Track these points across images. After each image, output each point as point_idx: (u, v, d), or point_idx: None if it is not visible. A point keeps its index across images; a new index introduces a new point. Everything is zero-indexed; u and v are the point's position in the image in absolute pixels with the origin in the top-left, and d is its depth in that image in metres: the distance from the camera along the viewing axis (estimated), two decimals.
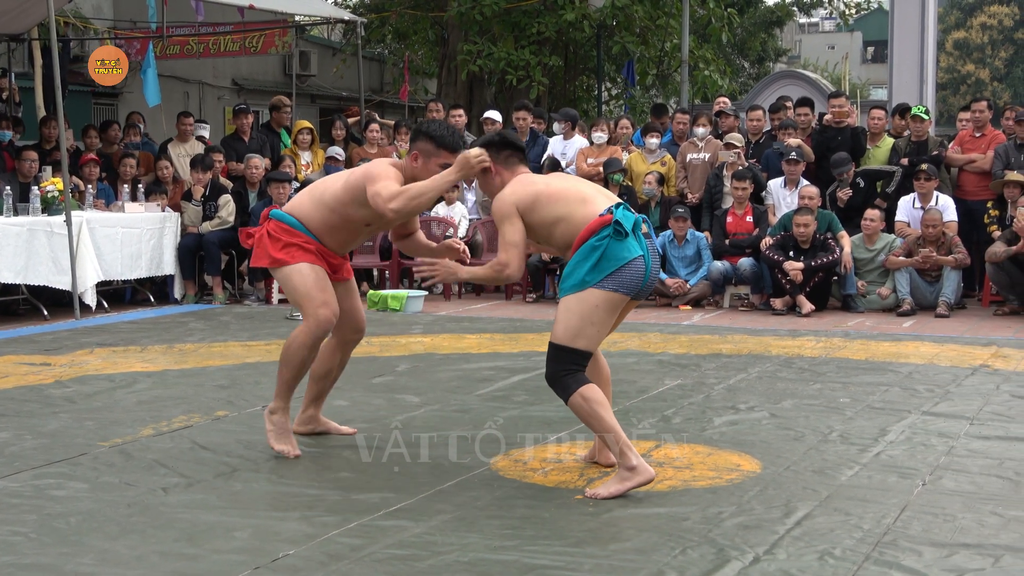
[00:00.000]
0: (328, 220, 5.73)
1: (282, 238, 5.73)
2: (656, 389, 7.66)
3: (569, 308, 5.10)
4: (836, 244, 11.84)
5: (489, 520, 4.76)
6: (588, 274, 5.07)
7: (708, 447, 6.03)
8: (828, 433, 6.36)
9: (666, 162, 13.51)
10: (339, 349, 6.10)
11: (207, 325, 10.94)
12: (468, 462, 5.71)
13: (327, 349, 6.10)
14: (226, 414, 6.85)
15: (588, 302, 5.07)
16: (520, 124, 14.05)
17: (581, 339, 5.09)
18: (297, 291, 5.70)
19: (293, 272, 5.71)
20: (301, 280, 5.69)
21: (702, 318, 11.61)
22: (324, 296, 5.69)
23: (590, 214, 5.13)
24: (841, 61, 46.85)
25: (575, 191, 5.27)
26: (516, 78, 19.60)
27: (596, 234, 5.08)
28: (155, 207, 12.80)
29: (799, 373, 8.31)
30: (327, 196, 5.75)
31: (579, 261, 5.09)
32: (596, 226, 5.09)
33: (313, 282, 5.69)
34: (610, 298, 5.08)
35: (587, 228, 5.09)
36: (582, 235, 5.10)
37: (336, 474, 5.51)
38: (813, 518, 4.78)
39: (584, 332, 5.08)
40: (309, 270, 5.70)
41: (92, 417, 6.79)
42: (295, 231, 5.73)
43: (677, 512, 4.86)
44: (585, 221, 5.12)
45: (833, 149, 12.90)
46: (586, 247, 5.08)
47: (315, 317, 5.66)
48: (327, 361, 6.10)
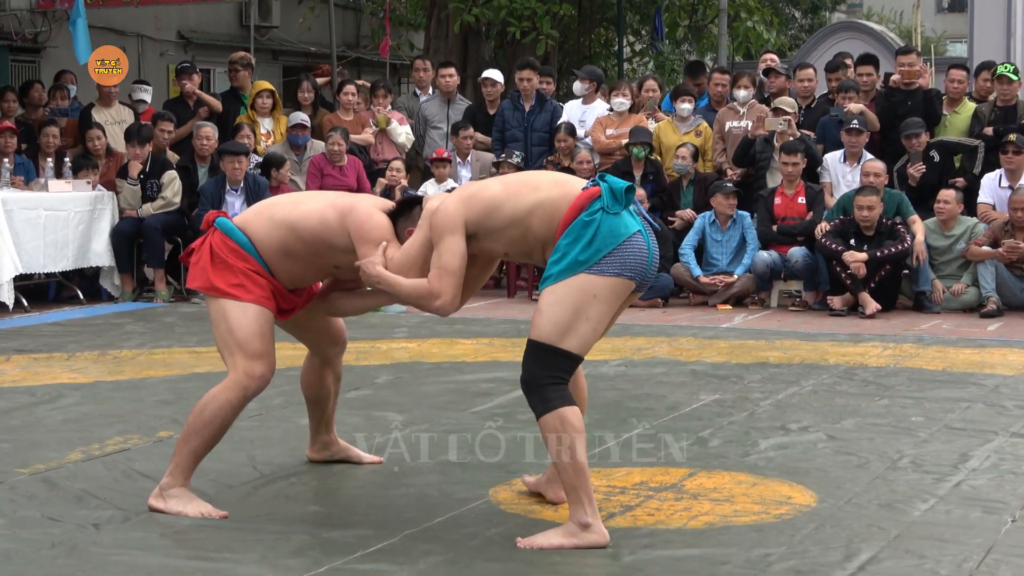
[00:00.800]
0: (288, 246, 5.49)
1: (228, 260, 5.49)
2: (690, 405, 7.65)
3: (557, 298, 4.92)
4: (906, 231, 11.83)
5: (488, 563, 4.75)
6: (581, 254, 4.90)
7: (752, 476, 6.02)
8: (897, 459, 6.35)
9: (701, 131, 13.51)
10: (326, 365, 6.04)
11: (147, 328, 10.94)
12: (462, 493, 5.70)
13: (311, 370, 6.05)
14: (170, 435, 6.83)
15: (583, 290, 4.90)
16: (524, 86, 14.04)
17: (571, 338, 4.93)
18: (232, 334, 5.43)
19: (232, 309, 5.44)
20: (240, 322, 5.43)
21: (745, 320, 11.60)
22: (264, 347, 5.46)
23: (571, 192, 5.03)
24: (912, 10, 46.87)
25: (543, 177, 5.25)
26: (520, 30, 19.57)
27: (586, 209, 4.95)
28: (85, 185, 12.80)
29: (862, 386, 8.30)
30: (294, 219, 5.50)
31: (568, 243, 4.92)
32: (584, 200, 4.96)
33: (256, 329, 5.44)
34: (611, 285, 4.93)
35: (573, 205, 4.96)
36: (567, 214, 4.96)
37: (303, 508, 5.50)
38: (879, 562, 4.77)
39: (575, 329, 4.92)
40: (255, 313, 5.45)
41: (8, 439, 6.77)
42: (244, 253, 5.49)
43: (715, 554, 4.84)
44: (568, 199, 5.00)
45: (902, 116, 12.88)
46: (576, 224, 4.93)
47: (247, 372, 5.42)
48: (315, 383, 6.05)
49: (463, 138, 13.84)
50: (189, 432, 5.45)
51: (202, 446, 5.46)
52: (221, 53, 24.53)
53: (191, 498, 5.42)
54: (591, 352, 5.23)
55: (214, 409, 5.42)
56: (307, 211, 5.51)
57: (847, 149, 12.65)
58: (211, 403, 5.43)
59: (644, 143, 13.03)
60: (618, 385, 8.31)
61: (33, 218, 12.11)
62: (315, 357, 6.04)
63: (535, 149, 13.74)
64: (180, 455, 5.45)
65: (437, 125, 14.51)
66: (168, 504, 5.39)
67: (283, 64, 26.23)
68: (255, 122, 14.09)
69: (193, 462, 5.47)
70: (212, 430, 5.44)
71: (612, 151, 13.44)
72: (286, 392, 7.92)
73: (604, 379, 8.46)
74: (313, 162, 13.44)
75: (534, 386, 4.98)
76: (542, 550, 4.89)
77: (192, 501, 5.40)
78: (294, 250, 5.49)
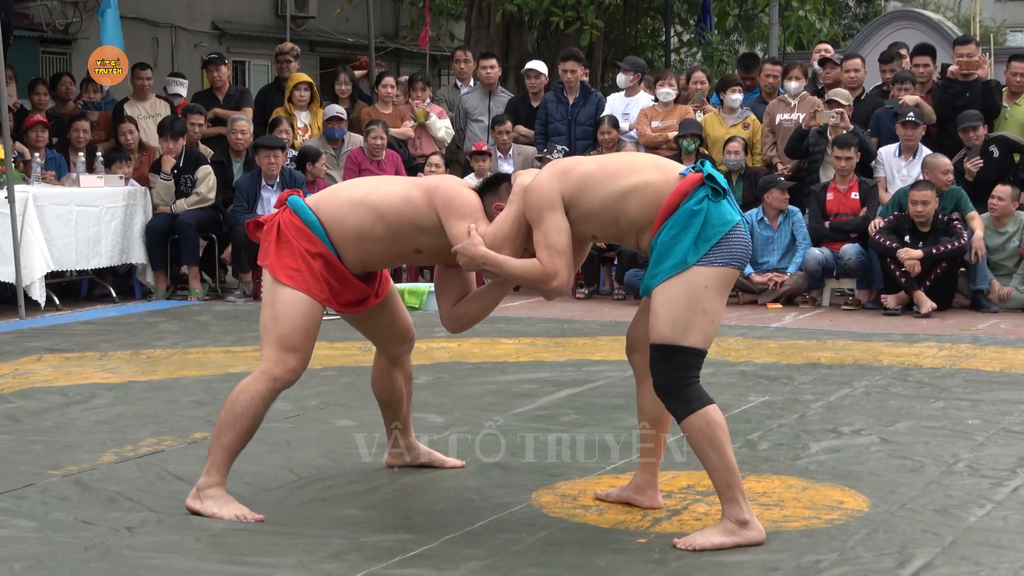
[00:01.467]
0: (367, 228, 5.46)
1: (293, 241, 5.48)
2: (738, 407, 7.65)
3: (669, 297, 4.97)
4: (964, 227, 11.78)
5: (530, 569, 4.76)
6: (691, 247, 4.95)
7: (803, 480, 6.02)
8: (953, 463, 6.34)
9: (750, 124, 13.48)
10: (394, 365, 6.04)
11: (181, 326, 11.00)
12: (503, 497, 5.72)
13: (380, 370, 6.06)
14: (205, 436, 6.87)
15: (696, 284, 4.95)
16: (568, 78, 14.02)
17: (694, 333, 4.97)
18: (276, 321, 5.43)
19: (284, 296, 5.45)
20: (288, 312, 5.43)
21: (795, 319, 11.58)
22: (303, 342, 5.45)
23: (672, 177, 5.05)
24: None
25: (641, 159, 5.25)
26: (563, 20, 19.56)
27: (690, 197, 4.98)
28: (117, 180, 12.87)
29: (917, 388, 8.28)
30: (377, 199, 5.47)
31: (675, 235, 4.96)
32: (688, 187, 4.99)
33: (301, 323, 5.43)
34: (721, 275, 4.99)
35: (676, 191, 4.98)
36: (670, 201, 4.98)
37: (341, 511, 5.52)
38: (934, 568, 4.76)
39: (696, 324, 4.96)
40: (305, 306, 5.45)
41: (40, 440, 6.84)
42: (311, 235, 5.48)
43: (764, 560, 4.85)
44: (669, 185, 5.02)
45: (959, 109, 12.83)
46: (681, 214, 4.96)
47: (281, 363, 5.43)
48: (386, 384, 6.06)
49: (500, 132, 13.80)
50: (222, 426, 5.47)
51: (236, 441, 5.46)
52: (256, 45, 24.66)
53: (227, 500, 5.44)
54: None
55: (245, 401, 5.43)
56: (389, 191, 5.51)
57: (902, 143, 12.61)
58: (242, 395, 5.44)
59: (694, 135, 13.01)
60: None
61: (64, 214, 12.18)
62: (383, 357, 6.03)
63: (579, 143, 13.72)
64: (214, 452, 5.47)
65: (478, 118, 14.50)
66: (204, 505, 5.42)
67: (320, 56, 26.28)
68: (292, 115, 14.12)
69: (228, 459, 5.48)
70: (245, 423, 5.44)
71: (658, 144, 13.42)
72: (322, 393, 7.98)
73: None
74: (350, 156, 13.48)
75: (671, 389, 5.02)
76: (701, 550, 4.94)
77: (229, 503, 5.43)
78: (375, 232, 5.47)
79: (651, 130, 13.49)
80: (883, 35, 22.65)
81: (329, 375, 8.64)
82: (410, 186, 5.53)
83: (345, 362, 9.12)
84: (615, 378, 8.45)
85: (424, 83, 14.74)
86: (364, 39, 19.47)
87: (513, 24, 20.24)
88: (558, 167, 5.20)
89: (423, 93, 14.54)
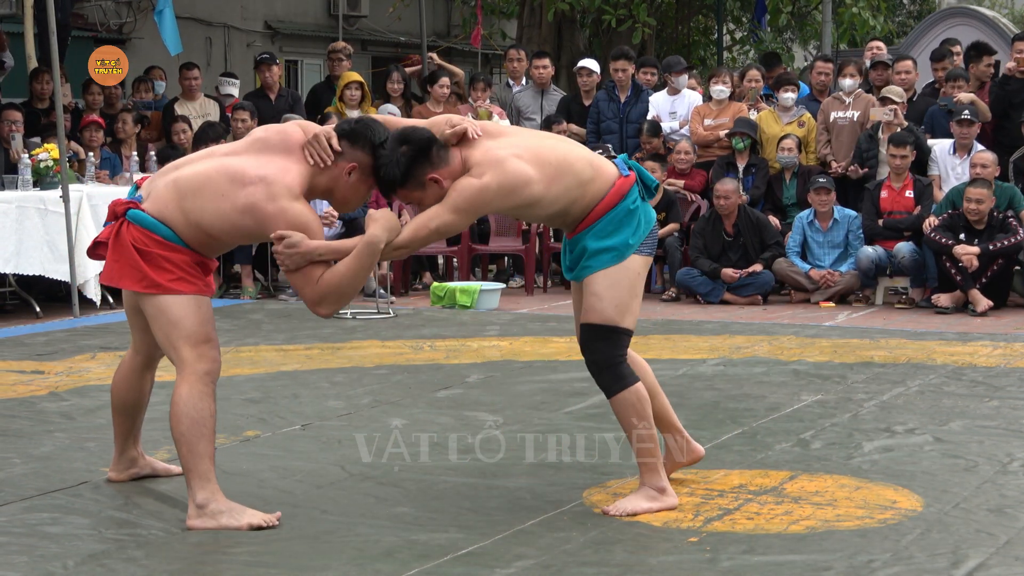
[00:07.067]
0: (210, 240, 5.43)
1: (160, 257, 5.37)
2: (791, 406, 7.64)
3: (615, 281, 5.35)
4: (1020, 224, 11.71)
5: (582, 568, 4.77)
6: (631, 238, 5.37)
7: (856, 479, 6.00)
8: (1008, 462, 6.30)
9: (805, 122, 13.44)
10: (147, 367, 5.88)
11: (234, 325, 11.05)
12: (555, 495, 5.73)
13: (130, 371, 5.85)
14: (257, 434, 6.92)
15: (632, 271, 5.40)
16: (619, 76, 14.03)
17: (630, 316, 5.41)
18: (177, 327, 5.39)
19: (175, 304, 5.40)
20: (183, 310, 5.40)
21: (848, 317, 11.54)
22: (211, 332, 5.48)
23: (607, 176, 5.40)
24: None
25: (573, 153, 5.41)
26: (615, 18, 19.56)
27: (627, 196, 5.39)
28: None
29: (971, 387, 8.24)
30: (207, 224, 5.36)
31: (613, 229, 5.36)
32: (625, 188, 5.39)
33: (200, 317, 5.45)
34: (646, 262, 5.46)
35: (615, 191, 5.37)
36: (610, 199, 5.35)
37: (392, 509, 5.54)
38: (988, 568, 4.75)
39: (631, 307, 5.41)
40: (197, 301, 5.45)
41: (95, 437, 6.88)
42: (170, 244, 5.38)
43: (817, 560, 4.84)
44: (606, 183, 5.37)
45: (1017, 106, 12.76)
46: (620, 212, 5.36)
47: (203, 357, 5.39)
48: (134, 387, 5.86)
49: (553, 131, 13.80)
50: (189, 440, 5.29)
51: (209, 445, 5.33)
52: (308, 44, 24.74)
53: (237, 509, 5.31)
54: (688, 351, 5.30)
55: (192, 408, 5.30)
56: (217, 213, 5.34)
57: (957, 140, 12.54)
58: (185, 406, 5.30)
59: (744, 134, 12.99)
60: (716, 385, 8.30)
61: None
62: (138, 356, 5.85)
63: (630, 141, 13.73)
64: (196, 466, 5.31)
65: (530, 116, 14.53)
66: (219, 521, 5.26)
67: (372, 55, 26.36)
68: (343, 114, 14.16)
69: (211, 465, 5.34)
70: (207, 425, 5.31)
71: (710, 143, 13.41)
72: (374, 391, 8.01)
73: (702, 379, 8.46)
74: None
75: (610, 366, 5.43)
76: (632, 515, 5.35)
77: (242, 513, 5.29)
78: (218, 242, 5.48)
79: (703, 128, 13.49)
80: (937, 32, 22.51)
81: (380, 373, 8.67)
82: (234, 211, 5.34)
83: (396, 360, 9.14)
84: (666, 376, 8.43)
85: (484, 83, 14.77)
86: (416, 38, 19.53)
87: (565, 22, 20.25)
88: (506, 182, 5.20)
89: (483, 93, 14.56)
